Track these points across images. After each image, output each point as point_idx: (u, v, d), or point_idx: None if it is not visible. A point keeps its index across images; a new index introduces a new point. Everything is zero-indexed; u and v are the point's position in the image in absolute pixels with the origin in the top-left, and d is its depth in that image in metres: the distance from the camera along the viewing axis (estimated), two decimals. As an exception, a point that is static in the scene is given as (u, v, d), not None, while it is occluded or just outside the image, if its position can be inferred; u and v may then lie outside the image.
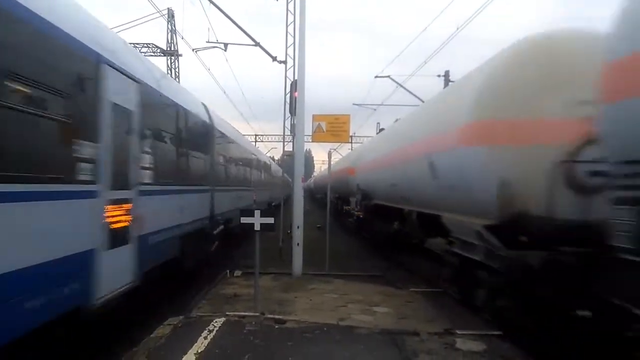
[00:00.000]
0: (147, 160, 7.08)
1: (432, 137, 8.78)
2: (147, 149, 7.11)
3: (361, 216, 18.04)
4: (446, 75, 23.11)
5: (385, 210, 13.61)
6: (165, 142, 8.13)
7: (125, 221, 6.06)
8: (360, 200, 17.85)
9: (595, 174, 5.34)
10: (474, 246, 7.12)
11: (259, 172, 24.85)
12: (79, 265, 4.86)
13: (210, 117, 11.80)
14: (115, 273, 5.79)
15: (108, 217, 5.53)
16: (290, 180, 17.03)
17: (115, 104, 5.84)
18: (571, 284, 5.36)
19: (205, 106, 11.84)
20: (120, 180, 5.96)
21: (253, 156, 21.97)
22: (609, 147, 4.42)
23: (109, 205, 5.57)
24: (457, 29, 15.33)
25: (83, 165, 4.95)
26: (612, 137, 4.36)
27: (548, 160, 5.89)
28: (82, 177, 4.95)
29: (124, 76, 6.21)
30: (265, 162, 29.18)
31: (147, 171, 7.08)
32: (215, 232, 11.52)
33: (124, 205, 6.03)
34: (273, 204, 26.18)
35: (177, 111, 8.91)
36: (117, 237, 5.80)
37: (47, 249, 4.27)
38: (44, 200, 4.22)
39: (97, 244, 5.24)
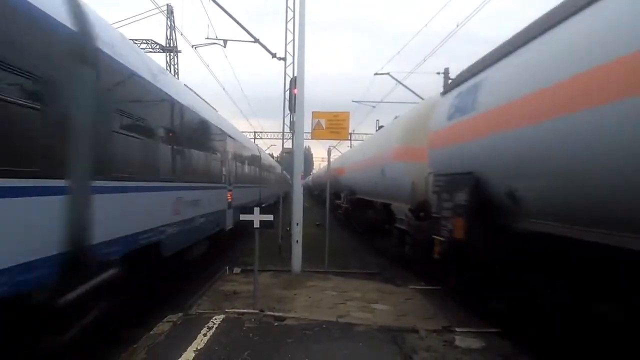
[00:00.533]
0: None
1: (382, 153, 13.63)
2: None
3: (348, 208, 21.88)
4: (446, 72, 23.03)
5: (363, 202, 17.51)
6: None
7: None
8: (347, 195, 21.74)
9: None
10: (403, 221, 11.64)
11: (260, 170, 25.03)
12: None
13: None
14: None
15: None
16: (288, 177, 20.50)
17: None
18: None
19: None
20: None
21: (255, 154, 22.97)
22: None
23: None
24: (457, 26, 15.32)
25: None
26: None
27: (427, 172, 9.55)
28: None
29: None
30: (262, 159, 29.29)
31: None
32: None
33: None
34: (263, 205, 26.03)
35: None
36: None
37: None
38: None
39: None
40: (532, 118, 5.03)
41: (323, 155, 69.51)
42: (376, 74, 22.43)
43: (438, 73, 23.27)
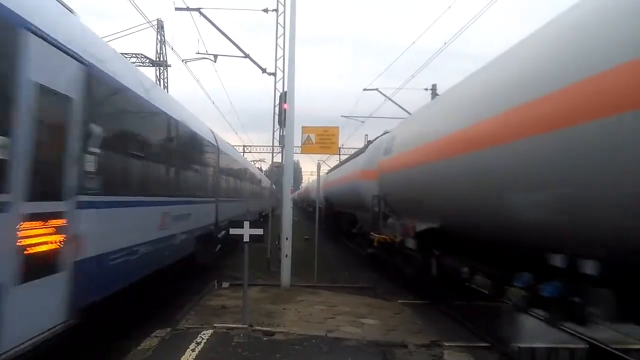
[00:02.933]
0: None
1: (354, 172, 16.94)
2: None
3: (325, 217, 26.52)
4: (433, 89, 23.39)
5: (339, 213, 21.96)
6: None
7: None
8: (326, 206, 25.53)
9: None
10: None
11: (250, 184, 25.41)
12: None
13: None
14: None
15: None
16: (272, 188, 23.75)
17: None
18: None
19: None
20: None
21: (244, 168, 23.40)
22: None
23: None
24: (445, 44, 15.59)
25: None
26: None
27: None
28: None
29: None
30: (252, 174, 29.11)
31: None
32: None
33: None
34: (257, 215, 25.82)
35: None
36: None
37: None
38: None
39: None
40: (416, 162, 8.88)
41: (311, 169, 69.60)
42: (365, 89, 22.66)
43: (426, 89, 23.62)
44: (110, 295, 5.94)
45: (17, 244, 4.09)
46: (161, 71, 30.08)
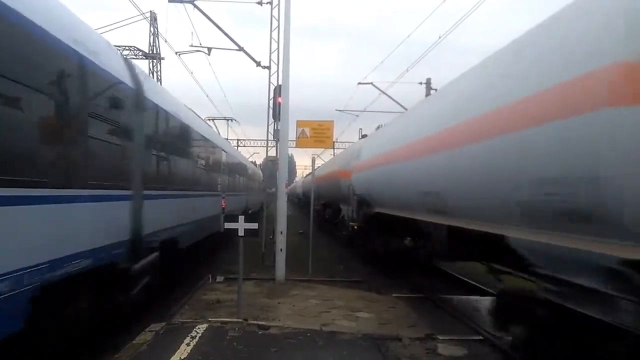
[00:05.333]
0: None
1: (337, 170, 18.54)
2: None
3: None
4: (428, 82, 23.38)
5: (325, 204, 23.77)
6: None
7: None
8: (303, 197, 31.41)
9: None
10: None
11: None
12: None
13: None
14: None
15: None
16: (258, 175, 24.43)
17: None
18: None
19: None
20: None
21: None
22: None
23: None
24: (439, 37, 15.54)
25: None
26: None
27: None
28: None
29: None
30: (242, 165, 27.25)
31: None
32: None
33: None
34: (250, 211, 23.19)
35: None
36: None
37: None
38: None
39: None
40: (378, 165, 11.08)
41: (305, 163, 69.59)
42: (360, 83, 22.59)
43: (420, 83, 23.59)
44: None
45: None
46: (154, 64, 29.85)
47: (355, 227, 14.57)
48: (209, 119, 24.45)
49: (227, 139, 30.11)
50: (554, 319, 4.63)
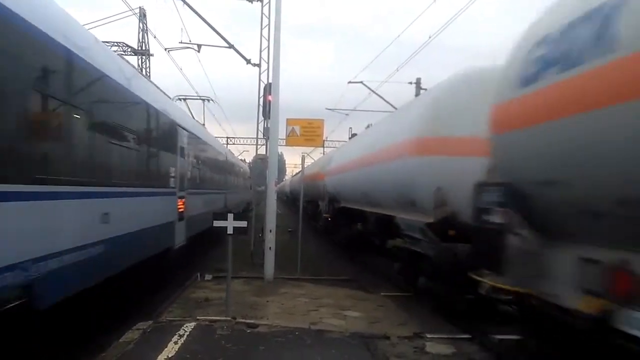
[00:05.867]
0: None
1: (316, 173, 21.49)
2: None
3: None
4: (417, 82, 23.47)
5: (307, 201, 24.15)
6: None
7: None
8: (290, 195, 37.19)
9: None
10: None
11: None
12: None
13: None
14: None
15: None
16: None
17: None
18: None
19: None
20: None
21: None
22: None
23: None
24: (429, 37, 15.60)
25: None
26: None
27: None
28: None
29: None
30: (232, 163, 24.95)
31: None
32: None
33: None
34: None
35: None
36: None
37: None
38: None
39: None
40: (340, 172, 15.37)
41: (295, 161, 69.44)
42: (350, 82, 22.59)
43: (410, 83, 23.68)
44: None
45: None
46: (143, 60, 29.60)
47: (329, 218, 18.62)
48: (180, 98, 20.71)
49: (218, 137, 29.27)
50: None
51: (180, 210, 10.63)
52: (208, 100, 22.84)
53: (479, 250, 5.98)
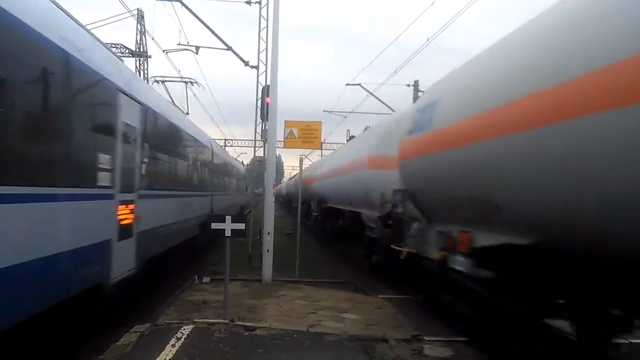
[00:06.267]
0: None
1: (307, 176, 23.18)
2: None
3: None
4: (415, 85, 23.51)
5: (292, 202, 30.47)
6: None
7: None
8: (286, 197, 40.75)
9: None
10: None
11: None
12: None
13: None
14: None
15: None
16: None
17: None
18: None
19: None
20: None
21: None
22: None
23: None
24: (427, 40, 15.64)
25: None
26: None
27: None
28: None
29: None
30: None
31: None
32: None
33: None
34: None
35: None
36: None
37: None
38: None
39: None
40: (324, 177, 19.59)
41: (293, 163, 69.49)
42: (348, 84, 22.64)
43: (408, 85, 23.72)
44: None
45: None
46: (141, 62, 29.57)
47: (318, 216, 22.33)
48: (156, 81, 17.48)
49: (216, 139, 28.97)
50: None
51: (124, 221, 7.07)
52: (192, 84, 18.48)
53: (394, 230, 9.10)
